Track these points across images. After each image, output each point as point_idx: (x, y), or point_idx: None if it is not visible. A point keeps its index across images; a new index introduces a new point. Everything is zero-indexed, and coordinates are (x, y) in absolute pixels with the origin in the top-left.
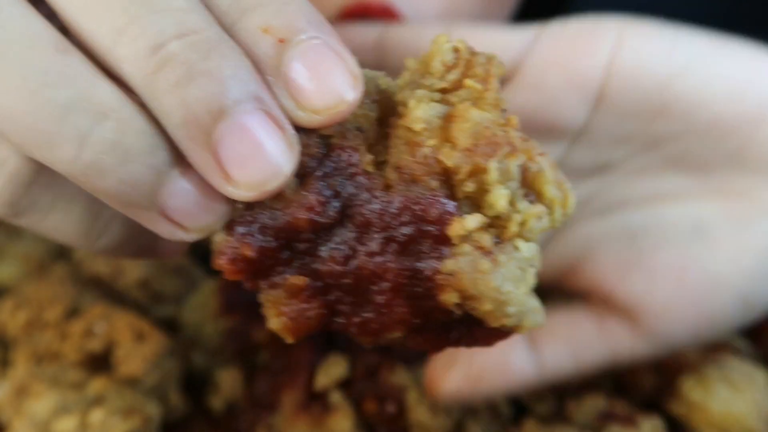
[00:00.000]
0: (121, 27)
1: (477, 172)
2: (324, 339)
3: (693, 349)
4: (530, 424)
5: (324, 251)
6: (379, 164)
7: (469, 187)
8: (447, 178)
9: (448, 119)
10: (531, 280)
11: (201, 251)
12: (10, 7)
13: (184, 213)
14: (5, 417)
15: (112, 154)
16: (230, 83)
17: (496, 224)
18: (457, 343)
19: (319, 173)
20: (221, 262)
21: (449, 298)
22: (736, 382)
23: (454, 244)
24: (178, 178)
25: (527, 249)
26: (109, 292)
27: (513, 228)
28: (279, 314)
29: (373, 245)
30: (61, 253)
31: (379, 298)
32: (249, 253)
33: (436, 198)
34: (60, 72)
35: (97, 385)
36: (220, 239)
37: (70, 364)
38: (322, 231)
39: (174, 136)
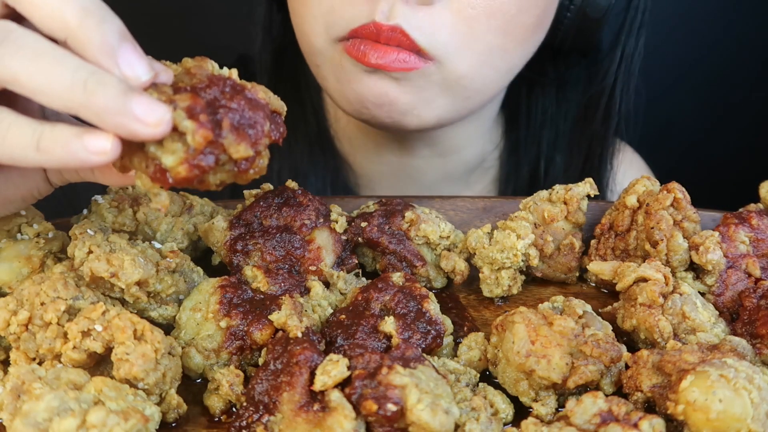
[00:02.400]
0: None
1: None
2: (323, 340)
3: (692, 351)
4: (530, 424)
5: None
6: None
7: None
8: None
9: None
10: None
11: (201, 251)
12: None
13: (144, 111)
14: (5, 417)
15: (99, 88)
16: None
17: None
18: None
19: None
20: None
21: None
22: (736, 382)
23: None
24: (137, 96)
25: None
26: (108, 292)
27: None
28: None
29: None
30: (61, 253)
31: (248, 113)
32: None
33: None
34: (91, 70)
35: (97, 385)
36: (188, 124)
37: (70, 364)
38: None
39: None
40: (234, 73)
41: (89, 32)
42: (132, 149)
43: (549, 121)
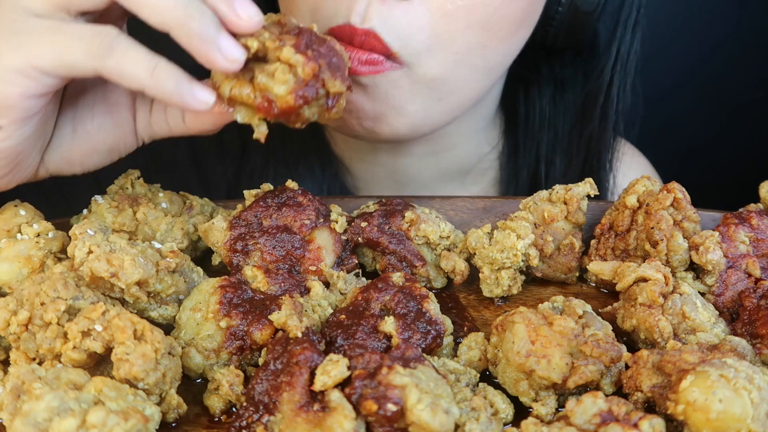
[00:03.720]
0: None
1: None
2: (323, 340)
3: (692, 351)
4: (530, 424)
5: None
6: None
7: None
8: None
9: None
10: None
11: (201, 251)
12: None
13: (228, 47)
14: (5, 417)
15: (198, 15)
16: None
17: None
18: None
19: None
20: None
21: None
22: (736, 382)
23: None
24: (225, 34)
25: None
26: (108, 292)
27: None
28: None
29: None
30: (61, 253)
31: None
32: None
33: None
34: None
35: (97, 385)
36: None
37: (70, 364)
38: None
39: (222, 17)
40: (315, 27)
41: None
42: (241, 83)
43: (547, 124)
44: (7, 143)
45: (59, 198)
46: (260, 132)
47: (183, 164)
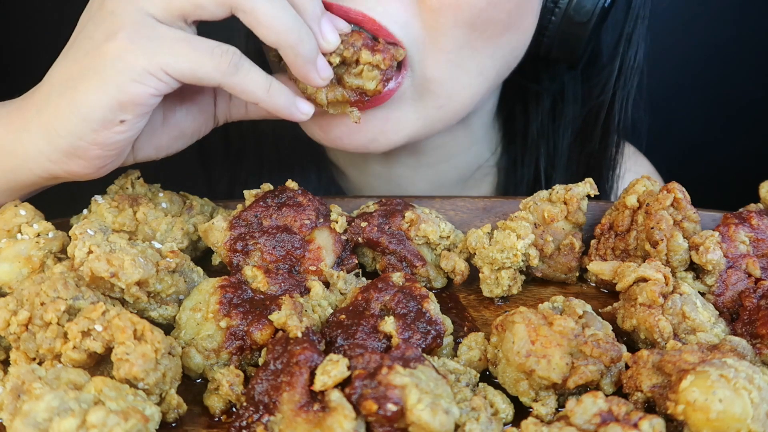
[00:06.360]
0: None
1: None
2: (323, 340)
3: (692, 351)
4: (530, 424)
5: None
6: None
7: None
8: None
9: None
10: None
11: (201, 251)
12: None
13: (323, 68)
14: (5, 417)
15: (306, 39)
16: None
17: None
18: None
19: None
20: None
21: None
22: (736, 382)
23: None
24: (321, 56)
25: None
26: (108, 292)
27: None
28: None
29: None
30: (61, 253)
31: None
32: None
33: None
34: (302, 23)
35: (97, 385)
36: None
37: (70, 364)
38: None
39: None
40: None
41: (306, 3)
42: (332, 87)
43: (546, 138)
44: (126, 135)
45: (59, 198)
46: (355, 116)
47: (188, 168)
